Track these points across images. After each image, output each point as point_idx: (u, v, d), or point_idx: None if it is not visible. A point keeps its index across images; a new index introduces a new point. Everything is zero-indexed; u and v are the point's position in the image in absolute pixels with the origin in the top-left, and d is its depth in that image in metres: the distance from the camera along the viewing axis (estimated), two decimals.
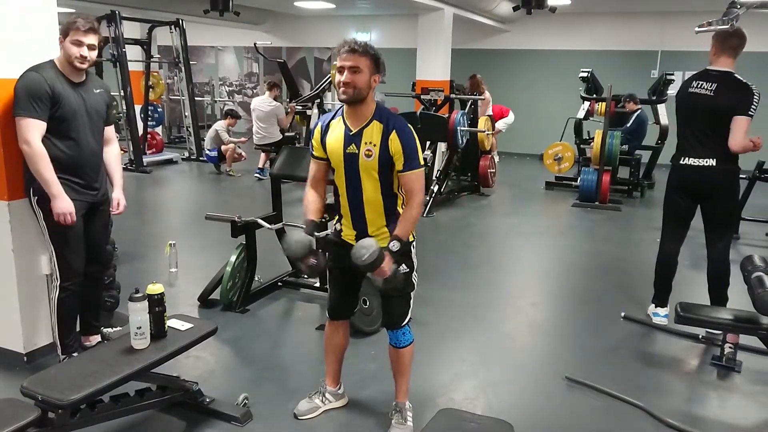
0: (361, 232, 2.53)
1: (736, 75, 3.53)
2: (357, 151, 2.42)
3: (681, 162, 3.69)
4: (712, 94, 3.53)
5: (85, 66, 2.94)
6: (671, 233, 3.88)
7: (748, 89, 3.46)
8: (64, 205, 2.90)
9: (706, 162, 3.58)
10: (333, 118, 2.53)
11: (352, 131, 2.44)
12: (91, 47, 2.90)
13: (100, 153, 3.13)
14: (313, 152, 2.59)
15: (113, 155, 3.26)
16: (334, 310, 2.77)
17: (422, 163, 2.47)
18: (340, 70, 2.36)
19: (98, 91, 3.10)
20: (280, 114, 8.66)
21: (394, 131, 2.39)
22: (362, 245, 2.30)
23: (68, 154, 2.95)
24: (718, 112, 3.50)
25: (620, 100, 8.16)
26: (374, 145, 2.40)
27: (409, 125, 2.46)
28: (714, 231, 3.73)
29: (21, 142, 2.83)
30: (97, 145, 3.09)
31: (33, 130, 2.81)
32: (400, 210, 2.52)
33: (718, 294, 3.72)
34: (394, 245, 2.37)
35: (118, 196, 3.23)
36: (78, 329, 3.28)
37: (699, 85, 3.59)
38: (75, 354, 3.12)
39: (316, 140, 2.56)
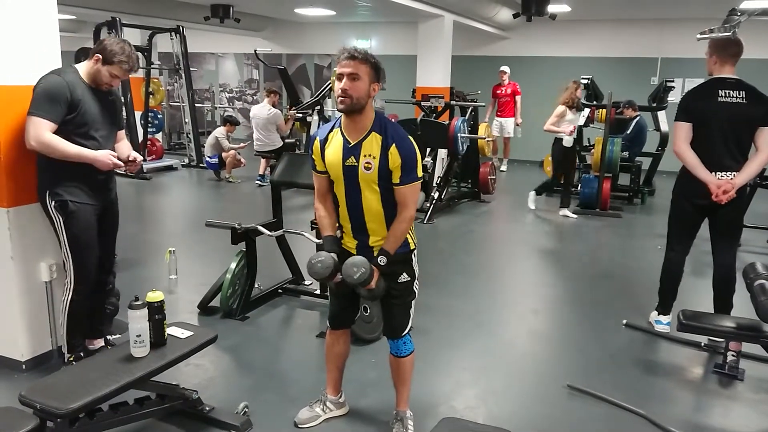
0: (363, 242, 2.52)
1: (747, 82, 3.52)
2: (356, 164, 2.40)
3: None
4: (745, 101, 3.47)
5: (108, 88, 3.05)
6: (679, 242, 3.83)
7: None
8: (103, 157, 2.94)
9: (731, 176, 3.50)
10: (331, 130, 2.50)
11: (350, 143, 2.41)
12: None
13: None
14: (315, 167, 2.57)
15: (125, 144, 3.28)
16: (334, 319, 2.75)
17: (420, 174, 2.45)
18: (339, 77, 2.34)
19: (111, 98, 3.15)
20: (279, 120, 8.67)
21: (393, 145, 2.37)
22: (354, 263, 2.37)
23: None
24: (751, 120, 3.46)
25: (619, 107, 8.17)
26: (373, 158, 2.38)
27: (408, 136, 2.44)
28: (723, 239, 3.70)
29: (31, 140, 2.82)
30: (110, 147, 3.10)
31: (44, 129, 2.82)
32: None
33: (724, 302, 3.69)
34: (382, 260, 2.42)
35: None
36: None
37: (728, 94, 3.49)
38: (81, 354, 3.15)
39: (316, 155, 2.53)
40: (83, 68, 2.98)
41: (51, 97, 2.83)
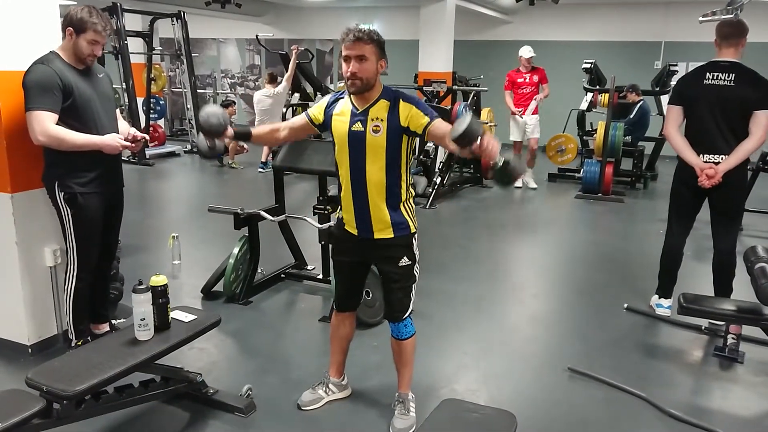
0: (364, 221, 2.51)
1: (745, 66, 3.50)
2: (363, 129, 2.41)
3: None
4: (732, 84, 3.46)
5: (93, 61, 2.96)
6: (678, 226, 3.84)
7: (766, 82, 3.45)
8: (110, 141, 2.92)
9: (722, 159, 3.50)
10: (341, 96, 2.54)
11: (358, 110, 2.44)
12: (103, 46, 2.91)
13: None
14: (309, 110, 2.62)
15: (121, 122, 3.23)
16: (340, 302, 2.78)
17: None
18: (346, 59, 2.35)
19: (101, 75, 3.09)
20: (286, 91, 8.57)
21: (400, 99, 2.41)
22: (459, 121, 2.10)
23: None
24: (739, 103, 3.45)
25: (622, 91, 8.13)
26: (381, 121, 2.39)
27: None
28: (722, 223, 3.70)
29: (38, 135, 2.77)
30: (112, 129, 3.05)
31: (48, 122, 2.78)
32: (403, 194, 2.50)
33: (724, 286, 3.70)
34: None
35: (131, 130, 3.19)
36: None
37: (715, 77, 3.49)
38: (88, 339, 3.17)
39: (319, 106, 2.58)
40: (63, 50, 2.89)
41: (44, 87, 2.76)
